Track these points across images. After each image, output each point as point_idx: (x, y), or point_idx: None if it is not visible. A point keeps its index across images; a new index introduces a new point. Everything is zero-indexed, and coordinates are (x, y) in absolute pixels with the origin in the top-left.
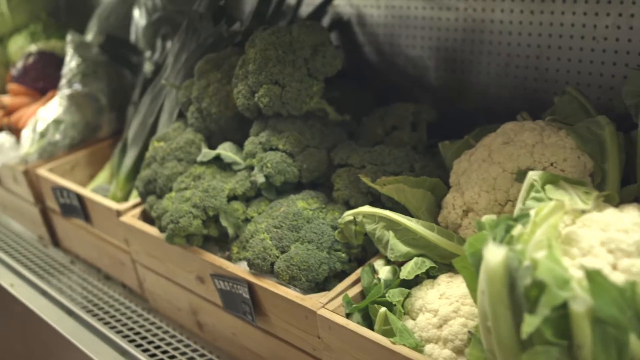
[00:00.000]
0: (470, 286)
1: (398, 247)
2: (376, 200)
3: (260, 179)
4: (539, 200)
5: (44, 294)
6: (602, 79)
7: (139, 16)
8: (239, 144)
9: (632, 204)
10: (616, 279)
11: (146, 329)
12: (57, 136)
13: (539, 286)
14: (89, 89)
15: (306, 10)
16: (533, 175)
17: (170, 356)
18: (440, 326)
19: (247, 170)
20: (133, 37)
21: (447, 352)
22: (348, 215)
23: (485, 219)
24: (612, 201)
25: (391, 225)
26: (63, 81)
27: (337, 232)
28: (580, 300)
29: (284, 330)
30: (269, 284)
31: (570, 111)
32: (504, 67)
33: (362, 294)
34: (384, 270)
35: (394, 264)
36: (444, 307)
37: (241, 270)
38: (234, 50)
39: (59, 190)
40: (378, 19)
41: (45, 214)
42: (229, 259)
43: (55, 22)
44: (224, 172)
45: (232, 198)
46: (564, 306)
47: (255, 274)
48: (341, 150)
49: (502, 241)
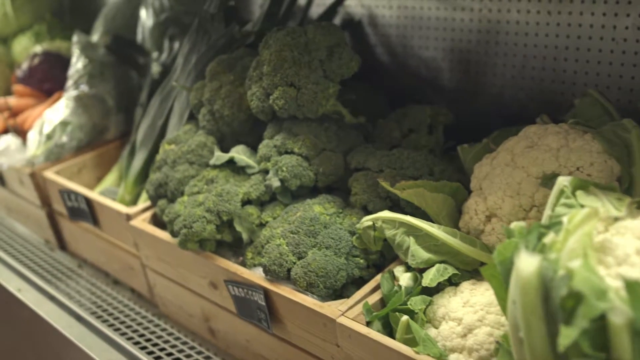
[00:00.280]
0: (499, 295)
1: (419, 253)
2: (395, 205)
3: (275, 183)
4: (569, 206)
5: (52, 299)
6: (621, 80)
7: (145, 17)
8: (251, 147)
9: None
10: None
11: (157, 335)
12: (64, 138)
13: (575, 297)
14: (95, 90)
15: (316, 11)
16: (563, 180)
17: None
18: (464, 335)
19: (262, 174)
20: (140, 38)
21: None
22: (367, 220)
23: (515, 226)
24: None
25: (412, 231)
26: (69, 82)
27: (355, 237)
28: (619, 311)
29: (300, 338)
30: (285, 291)
31: (591, 114)
32: (520, 68)
33: (382, 301)
34: (404, 277)
35: (415, 270)
36: (468, 315)
37: (256, 276)
38: (246, 51)
39: (66, 194)
40: (390, 19)
41: (51, 217)
42: (242, 264)
43: (60, 22)
44: (237, 176)
45: (246, 202)
46: (602, 318)
47: (271, 280)
48: (358, 153)
49: (534, 249)
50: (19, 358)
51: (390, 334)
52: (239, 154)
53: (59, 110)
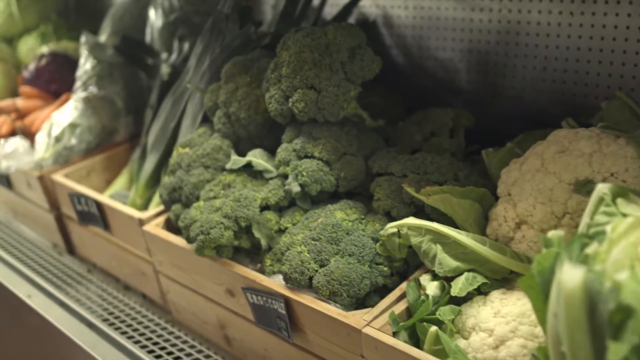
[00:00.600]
0: (536, 306)
1: (447, 261)
2: (419, 211)
3: (295, 188)
4: (610, 215)
5: (62, 304)
6: None
7: (154, 17)
8: (268, 150)
9: None
10: None
11: (171, 343)
12: (73, 140)
13: (624, 311)
14: (104, 92)
15: (329, 11)
16: (602, 188)
17: None
18: (496, 347)
19: (280, 178)
20: (148, 38)
21: None
22: (391, 227)
23: (553, 235)
24: None
25: (439, 238)
26: (78, 84)
27: (379, 244)
28: None
29: (323, 348)
30: (307, 300)
31: (620, 117)
32: (541, 70)
33: (408, 310)
34: (431, 286)
35: (441, 279)
36: (500, 326)
37: (276, 284)
38: (262, 52)
39: (76, 197)
40: (406, 20)
41: (60, 220)
42: (261, 271)
43: (66, 22)
44: (254, 181)
45: (264, 208)
46: None
47: (292, 288)
48: (380, 158)
49: (577, 260)
50: None
51: (417, 344)
52: (257, 157)
53: (67, 112)
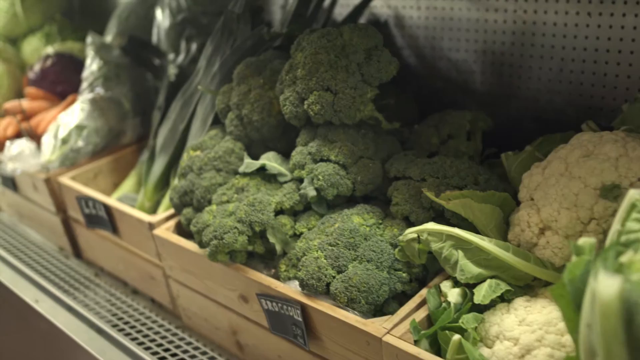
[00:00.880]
0: (567, 316)
1: (469, 268)
2: (438, 215)
3: (311, 192)
4: None
5: (69, 309)
6: None
7: (161, 17)
8: (281, 153)
9: None
10: None
11: (182, 350)
12: (80, 142)
13: None
14: (111, 93)
15: (339, 11)
16: (635, 194)
17: None
18: (522, 356)
19: (295, 182)
20: (155, 39)
21: None
22: (411, 232)
23: (584, 242)
24: None
25: (460, 244)
26: (84, 85)
27: (398, 250)
28: None
29: (340, 356)
30: (325, 307)
31: None
32: (558, 72)
33: (428, 318)
34: (452, 293)
35: (463, 285)
36: (525, 335)
37: (292, 290)
38: (274, 53)
39: (84, 200)
40: (418, 20)
41: (67, 223)
42: (275, 277)
43: (70, 22)
44: (268, 184)
45: (278, 212)
46: None
47: (308, 294)
48: (397, 161)
49: (611, 269)
50: None
51: (438, 353)
52: (270, 161)
53: (74, 114)
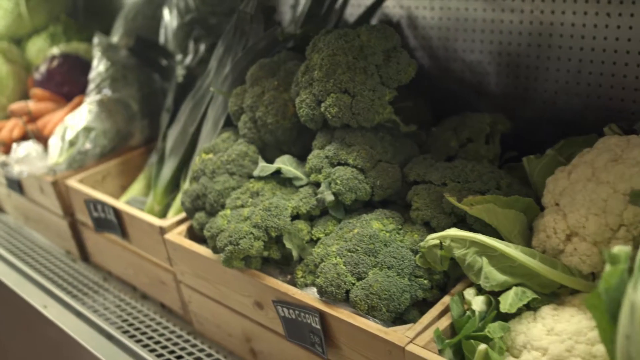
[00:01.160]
0: (602, 326)
1: (494, 275)
2: (459, 221)
3: (328, 197)
4: None
5: (78, 315)
6: None
7: (169, 17)
8: (296, 156)
9: None
10: None
11: (195, 357)
12: (88, 145)
13: None
14: (119, 95)
15: (350, 11)
16: None
17: None
18: None
19: (311, 186)
20: (162, 39)
21: None
22: (433, 238)
23: (620, 250)
24: None
25: (485, 250)
26: (91, 86)
27: (419, 256)
28: None
29: None
30: (345, 315)
31: None
32: (576, 73)
33: (452, 326)
34: (477, 301)
35: (487, 293)
36: (554, 345)
37: (310, 297)
38: (288, 55)
39: (92, 204)
40: (431, 21)
41: (74, 227)
42: (291, 283)
43: (75, 23)
44: (284, 188)
45: (294, 217)
46: None
47: (327, 301)
48: (417, 165)
49: None
50: None
51: None
52: (285, 164)
53: (81, 116)
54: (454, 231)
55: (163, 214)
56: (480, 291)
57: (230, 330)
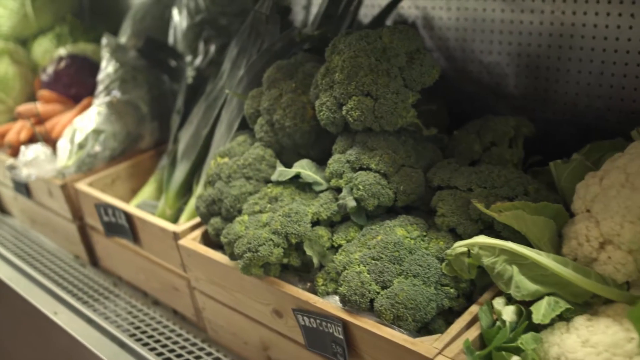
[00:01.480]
0: None
1: (525, 284)
2: (486, 228)
3: (350, 202)
4: None
5: (89, 321)
6: None
7: (179, 18)
8: (314, 160)
9: None
10: None
11: None
12: (97, 147)
13: None
14: (128, 96)
15: (363, 12)
16: None
17: None
18: None
19: (331, 191)
20: (171, 40)
21: None
22: (460, 246)
23: None
24: None
25: (515, 259)
26: (100, 87)
27: (445, 264)
28: None
29: None
30: (369, 324)
31: None
32: (598, 75)
33: (481, 337)
34: (507, 311)
35: (518, 303)
36: (590, 357)
37: (332, 306)
38: (306, 56)
39: (103, 208)
40: (448, 22)
41: (83, 231)
42: (311, 291)
43: (81, 23)
44: (303, 194)
45: (314, 223)
46: None
47: (350, 311)
48: (441, 170)
49: None
50: None
51: None
52: (305, 169)
53: (90, 118)
54: (482, 238)
55: (175, 218)
56: (509, 300)
57: (246, 338)
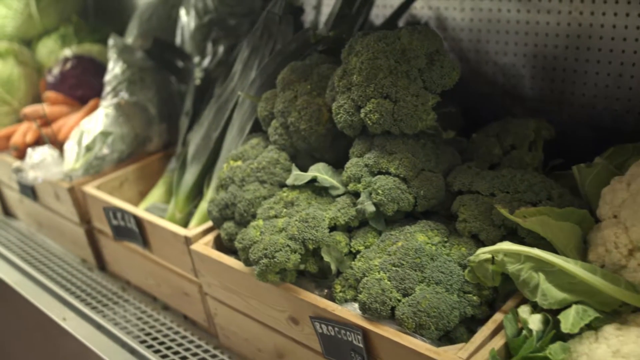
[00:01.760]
0: None
1: (552, 292)
2: (509, 233)
3: (369, 207)
4: None
5: (99, 327)
6: None
7: (186, 18)
8: (330, 164)
9: None
10: None
11: None
12: (105, 150)
13: None
14: (136, 98)
15: (375, 12)
16: None
17: None
18: None
19: (349, 196)
20: (178, 40)
21: None
22: (484, 252)
23: None
24: None
25: (541, 266)
26: (107, 89)
27: (467, 271)
28: None
29: None
30: (391, 333)
31: None
32: (617, 77)
33: (506, 346)
34: (534, 320)
35: (544, 311)
36: None
37: (352, 314)
38: (321, 57)
39: (112, 211)
40: (462, 22)
41: (91, 235)
42: (328, 297)
43: (86, 23)
44: (319, 198)
45: (331, 228)
46: None
47: (370, 318)
48: (462, 174)
49: None
50: None
51: None
52: (321, 172)
53: (98, 120)
54: (507, 245)
55: (185, 222)
56: (535, 309)
57: (260, 345)
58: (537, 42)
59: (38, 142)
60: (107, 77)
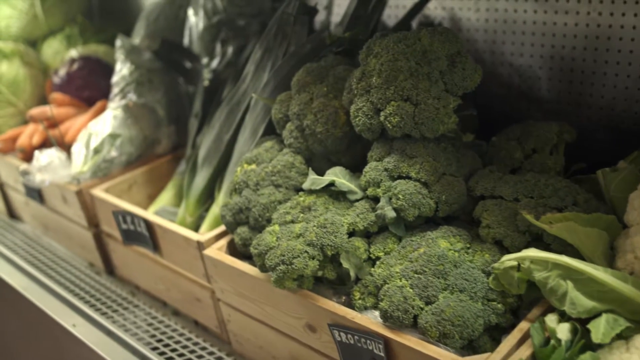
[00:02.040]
0: None
1: (581, 301)
2: (534, 240)
3: (389, 212)
4: None
5: (109, 334)
6: None
7: (195, 19)
8: (346, 167)
9: None
10: None
11: None
12: (113, 152)
13: None
14: (145, 100)
15: (387, 13)
16: None
17: None
18: None
19: (367, 200)
20: (186, 41)
21: None
22: (510, 259)
23: None
24: None
25: (569, 273)
26: (115, 90)
27: (492, 278)
28: None
29: None
30: (414, 342)
31: None
32: (637, 79)
33: (533, 356)
34: (562, 329)
35: (573, 320)
36: None
37: (372, 322)
38: (337, 59)
39: (121, 215)
40: (476, 23)
41: (99, 238)
42: (347, 305)
43: (92, 24)
44: (337, 203)
45: (350, 234)
46: None
47: (391, 327)
48: (483, 178)
49: None
50: None
51: None
52: (338, 177)
53: (106, 122)
54: (534, 252)
55: (195, 226)
56: (562, 317)
57: (275, 352)
58: (554, 43)
59: (44, 144)
60: (115, 79)
